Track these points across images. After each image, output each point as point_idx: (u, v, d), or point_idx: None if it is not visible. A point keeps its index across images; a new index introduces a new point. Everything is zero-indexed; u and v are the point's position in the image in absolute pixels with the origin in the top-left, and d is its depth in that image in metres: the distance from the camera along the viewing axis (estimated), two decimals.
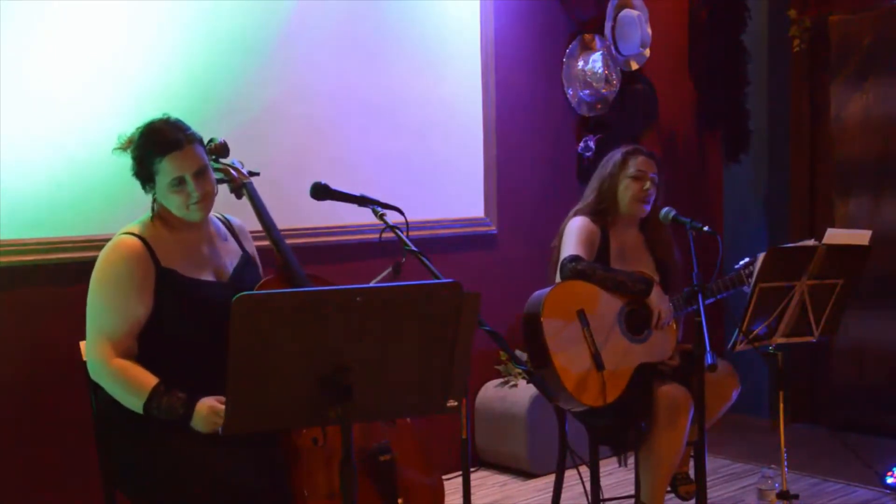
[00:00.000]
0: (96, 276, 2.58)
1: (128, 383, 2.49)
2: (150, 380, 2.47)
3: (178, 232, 2.64)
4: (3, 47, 3.17)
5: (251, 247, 2.86)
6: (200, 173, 2.58)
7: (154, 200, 2.63)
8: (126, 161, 2.62)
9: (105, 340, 2.51)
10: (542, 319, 3.18)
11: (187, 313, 2.57)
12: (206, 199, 2.61)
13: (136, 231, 2.60)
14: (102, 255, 2.59)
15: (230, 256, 2.75)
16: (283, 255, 2.77)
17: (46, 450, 3.30)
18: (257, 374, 1.93)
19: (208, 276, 2.66)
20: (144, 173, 2.60)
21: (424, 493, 2.71)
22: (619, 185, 3.44)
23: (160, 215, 2.64)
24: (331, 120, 4.05)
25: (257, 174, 2.94)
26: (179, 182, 2.56)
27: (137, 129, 2.64)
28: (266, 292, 2.00)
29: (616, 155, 3.50)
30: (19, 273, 3.24)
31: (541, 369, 3.16)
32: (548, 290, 3.25)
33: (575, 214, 3.49)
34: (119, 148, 2.65)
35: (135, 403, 2.48)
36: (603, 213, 3.45)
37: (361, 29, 4.14)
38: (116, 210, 3.39)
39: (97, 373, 2.54)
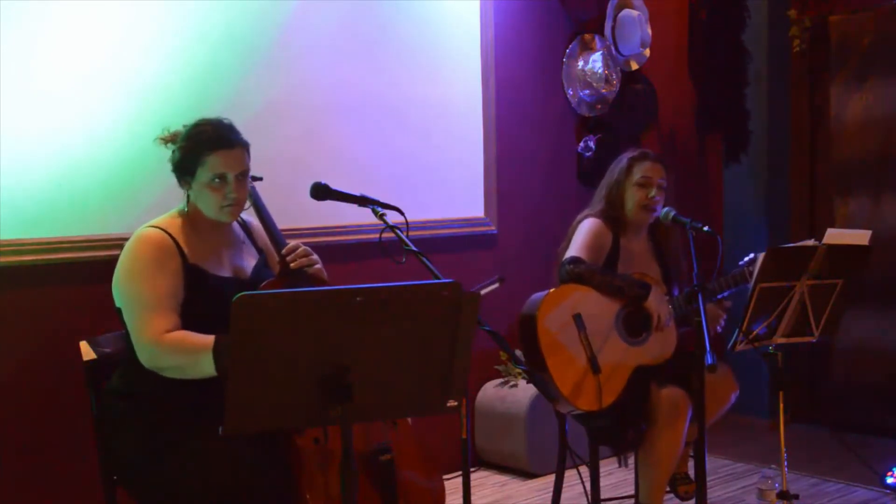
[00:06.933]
0: (125, 269, 2.54)
1: (188, 348, 2.42)
2: (208, 337, 2.41)
3: (203, 232, 2.64)
4: (2, 47, 3.17)
5: (263, 241, 2.86)
6: (241, 177, 2.62)
7: (187, 199, 2.63)
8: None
9: (150, 321, 2.45)
10: (538, 322, 3.17)
11: (214, 311, 2.55)
12: (239, 205, 2.64)
13: (160, 226, 2.59)
14: (127, 249, 2.57)
15: (249, 258, 2.76)
16: (283, 259, 2.76)
17: (46, 450, 3.30)
18: (257, 374, 1.93)
19: (230, 276, 2.66)
20: (187, 166, 2.59)
21: (424, 494, 2.71)
22: (626, 192, 3.42)
23: (187, 214, 2.64)
24: (330, 120, 4.05)
25: (260, 179, 2.93)
26: (221, 180, 2.57)
27: (187, 125, 2.66)
28: (266, 292, 2.00)
29: (622, 161, 3.47)
30: (19, 273, 3.23)
31: (535, 372, 3.15)
32: (545, 292, 3.24)
33: (587, 217, 3.45)
34: (162, 139, 2.68)
35: (204, 363, 2.38)
36: (615, 220, 3.43)
37: (361, 29, 4.13)
38: (116, 210, 3.40)
39: (154, 356, 2.46)
